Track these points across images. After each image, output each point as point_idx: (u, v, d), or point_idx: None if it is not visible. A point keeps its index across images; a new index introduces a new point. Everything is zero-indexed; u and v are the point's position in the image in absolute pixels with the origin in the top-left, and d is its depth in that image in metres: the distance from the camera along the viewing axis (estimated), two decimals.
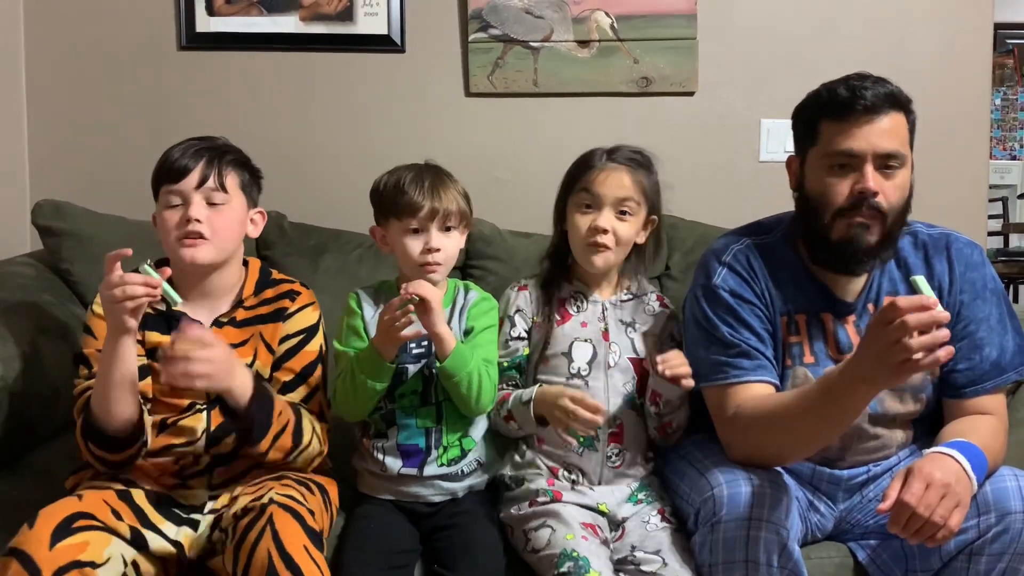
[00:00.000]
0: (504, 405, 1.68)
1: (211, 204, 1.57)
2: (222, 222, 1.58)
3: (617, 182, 1.69)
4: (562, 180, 1.78)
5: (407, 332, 1.53)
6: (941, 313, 1.24)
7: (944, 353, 1.25)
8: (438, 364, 1.59)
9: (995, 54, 5.63)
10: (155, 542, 1.46)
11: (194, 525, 1.52)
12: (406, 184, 1.63)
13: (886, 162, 1.52)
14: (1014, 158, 6.37)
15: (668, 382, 1.59)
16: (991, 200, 4.86)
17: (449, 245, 1.66)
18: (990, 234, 4.49)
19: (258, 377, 1.55)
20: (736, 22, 2.43)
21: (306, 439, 1.56)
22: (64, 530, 1.33)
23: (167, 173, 1.57)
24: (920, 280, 1.31)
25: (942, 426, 1.59)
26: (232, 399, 1.48)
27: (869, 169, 1.51)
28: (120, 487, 1.49)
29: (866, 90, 1.51)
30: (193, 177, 1.56)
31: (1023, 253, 5.20)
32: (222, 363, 1.44)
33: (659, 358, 1.58)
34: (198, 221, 1.54)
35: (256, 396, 1.49)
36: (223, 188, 1.58)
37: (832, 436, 1.48)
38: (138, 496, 1.49)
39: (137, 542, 1.44)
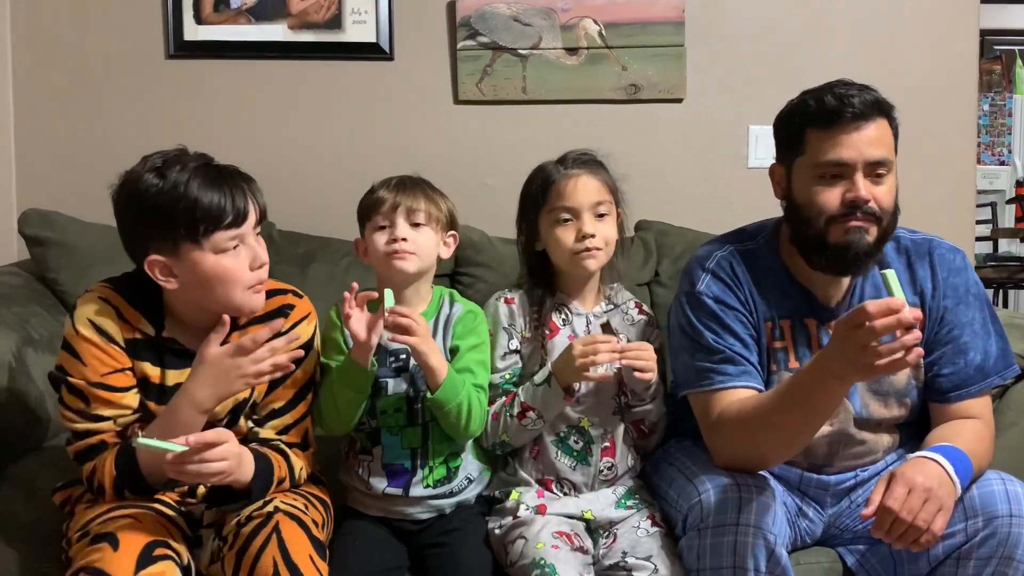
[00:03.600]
0: (512, 406, 1.66)
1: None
2: (265, 255, 1.51)
3: (587, 186, 1.69)
4: (522, 205, 1.78)
5: (358, 330, 1.51)
6: (907, 316, 1.24)
7: (913, 356, 1.26)
8: (428, 395, 1.58)
9: (983, 60, 5.67)
10: (193, 570, 1.42)
11: (198, 543, 1.49)
12: (376, 187, 1.66)
13: (875, 169, 1.52)
14: (1003, 163, 6.39)
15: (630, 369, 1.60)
16: (980, 205, 4.90)
17: (419, 239, 1.62)
18: (979, 239, 4.51)
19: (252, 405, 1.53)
20: (724, 29, 2.44)
21: (296, 475, 1.53)
22: (147, 557, 1.29)
23: (223, 216, 1.41)
24: (890, 274, 1.31)
25: (929, 431, 1.60)
26: (235, 482, 1.40)
27: (859, 178, 1.50)
28: (152, 506, 1.43)
29: (853, 98, 1.50)
30: (252, 217, 1.46)
31: (1012, 258, 5.23)
32: (234, 456, 1.35)
33: (623, 344, 1.59)
34: (266, 263, 1.49)
35: (257, 470, 1.42)
36: (265, 216, 1.53)
37: (809, 433, 1.47)
38: (175, 517, 1.44)
39: (187, 570, 1.39)
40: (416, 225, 1.63)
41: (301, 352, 1.44)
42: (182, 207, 1.38)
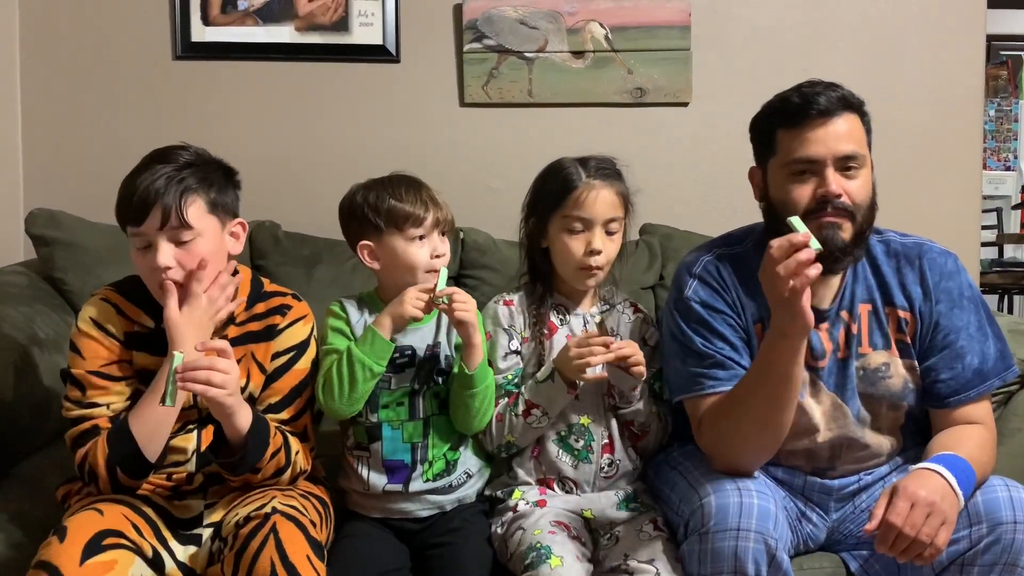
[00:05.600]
0: (516, 405, 1.67)
1: (179, 243, 1.47)
2: (193, 260, 1.48)
3: (606, 200, 1.68)
4: (534, 198, 1.76)
5: (417, 312, 1.57)
6: (798, 237, 1.34)
7: (813, 272, 1.34)
8: (465, 371, 1.60)
9: (989, 65, 5.67)
10: (169, 564, 1.45)
11: (197, 541, 1.51)
12: (404, 194, 1.63)
13: (846, 164, 1.53)
14: (1008, 169, 6.39)
15: (620, 369, 1.61)
16: (986, 211, 4.89)
17: (448, 250, 1.68)
18: (984, 245, 4.50)
19: (250, 400, 1.54)
20: (730, 33, 2.45)
21: (292, 459, 1.55)
22: (94, 547, 1.32)
23: (126, 213, 1.47)
24: (794, 220, 1.40)
25: (932, 433, 1.60)
26: (234, 422, 1.44)
27: (830, 173, 1.52)
28: (129, 500, 1.47)
29: (818, 95, 1.52)
30: (154, 219, 1.44)
31: (1017, 264, 5.22)
32: (236, 376, 1.42)
33: (612, 341, 1.59)
34: (168, 268, 1.46)
35: (255, 420, 1.47)
36: (186, 224, 1.46)
37: (781, 408, 1.46)
38: (149, 511, 1.48)
39: (156, 563, 1.43)
40: (443, 234, 1.67)
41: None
42: (119, 194, 1.50)
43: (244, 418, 1.45)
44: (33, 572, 1.30)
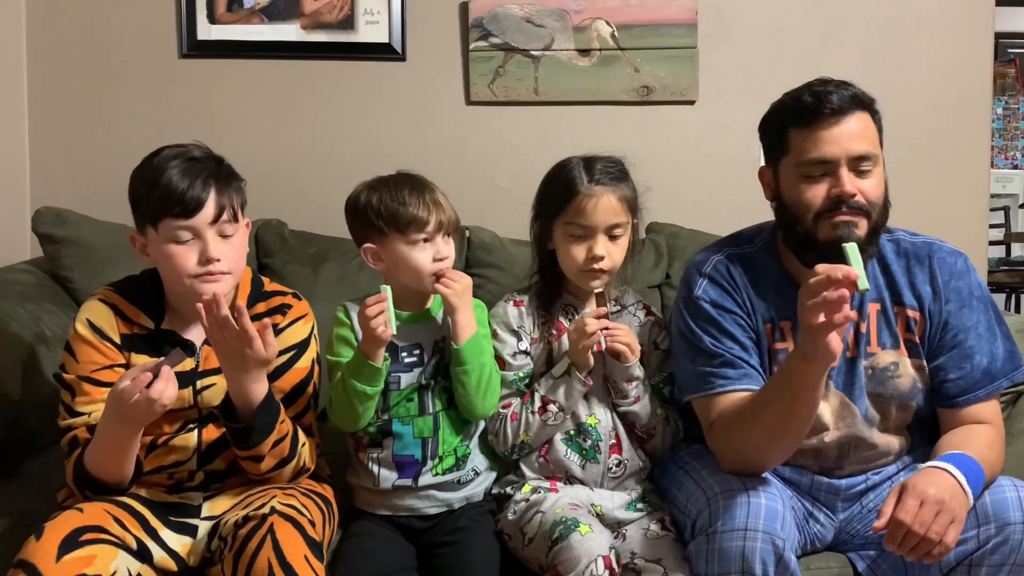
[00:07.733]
0: (532, 402, 1.67)
1: (223, 236, 1.50)
2: (236, 252, 1.52)
3: (607, 207, 1.66)
4: (540, 200, 1.75)
5: (382, 331, 1.52)
6: (836, 273, 1.28)
7: (839, 316, 1.29)
8: (453, 346, 1.60)
9: (996, 63, 5.64)
10: (158, 554, 1.45)
11: (192, 532, 1.51)
12: (407, 197, 1.61)
13: (859, 163, 1.52)
14: (1016, 167, 6.36)
15: (613, 358, 1.62)
16: (993, 209, 4.87)
17: (452, 252, 1.66)
18: (992, 243, 4.48)
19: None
20: (737, 31, 2.44)
21: (298, 451, 1.55)
22: (71, 543, 1.32)
23: (172, 206, 1.46)
24: (849, 247, 1.35)
25: (940, 432, 1.59)
26: (246, 396, 1.44)
27: (844, 172, 1.51)
28: (119, 498, 1.48)
29: (831, 94, 1.51)
30: (208, 212, 1.47)
31: None
32: (271, 357, 1.44)
33: (605, 323, 1.59)
34: (218, 260, 1.47)
35: (266, 400, 1.47)
36: (236, 219, 1.51)
37: (797, 423, 1.46)
38: (136, 504, 1.49)
39: (143, 554, 1.43)
40: (447, 236, 1.65)
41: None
42: (150, 190, 1.48)
43: (260, 390, 1.45)
44: (12, 572, 1.30)
